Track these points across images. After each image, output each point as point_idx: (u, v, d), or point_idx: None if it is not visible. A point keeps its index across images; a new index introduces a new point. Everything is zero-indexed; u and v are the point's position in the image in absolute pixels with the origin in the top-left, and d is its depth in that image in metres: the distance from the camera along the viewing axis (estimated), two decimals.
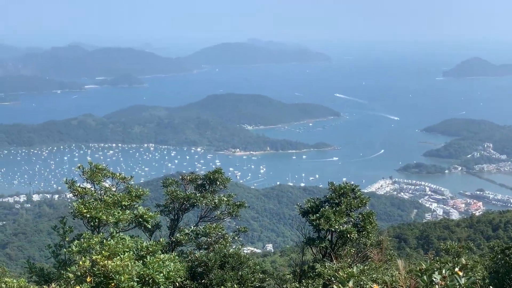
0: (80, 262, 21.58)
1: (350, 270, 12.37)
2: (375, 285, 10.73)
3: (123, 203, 32.77)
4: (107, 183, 34.83)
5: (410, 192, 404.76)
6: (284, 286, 39.55)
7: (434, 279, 9.99)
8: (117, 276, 20.98)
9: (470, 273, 10.50)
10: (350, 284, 11.32)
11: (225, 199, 43.16)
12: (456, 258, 38.28)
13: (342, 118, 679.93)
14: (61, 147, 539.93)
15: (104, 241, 23.71)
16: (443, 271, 10.17)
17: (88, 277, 21.00)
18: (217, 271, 37.20)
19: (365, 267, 29.86)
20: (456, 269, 10.26)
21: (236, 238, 44.51)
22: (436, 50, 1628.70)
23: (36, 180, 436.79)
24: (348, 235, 37.54)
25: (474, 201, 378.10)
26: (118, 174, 35.80)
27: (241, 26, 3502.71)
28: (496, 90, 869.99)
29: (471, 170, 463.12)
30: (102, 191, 33.81)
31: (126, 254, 22.34)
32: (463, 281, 9.92)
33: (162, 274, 22.74)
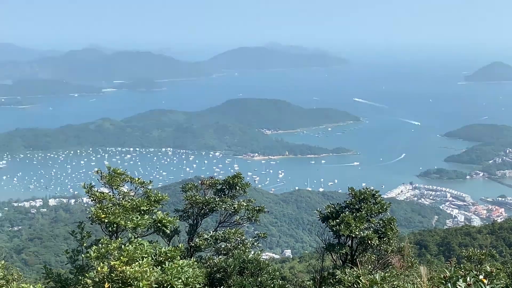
0: (98, 268, 21.58)
1: (372, 277, 12.29)
2: None
3: (142, 208, 32.77)
4: (125, 188, 34.91)
5: (430, 198, 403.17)
6: None
7: (459, 287, 9.92)
8: (135, 282, 20.98)
9: (495, 280, 10.42)
10: None
11: (245, 204, 43.12)
12: (479, 266, 38.16)
13: (362, 123, 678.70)
14: (78, 151, 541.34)
15: (123, 246, 23.66)
16: (468, 279, 10.11)
17: (106, 283, 21.00)
18: (236, 277, 37.16)
19: (386, 274, 29.82)
20: (481, 277, 10.20)
21: (255, 243, 44.52)
22: (458, 54, 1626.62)
23: (52, 185, 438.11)
24: (369, 241, 37.36)
25: (496, 207, 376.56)
26: (137, 179, 35.87)
27: (261, 30, 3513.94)
28: None
29: (493, 176, 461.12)
30: (120, 196, 33.87)
31: (145, 259, 22.33)
32: None
33: (180, 280, 22.68)
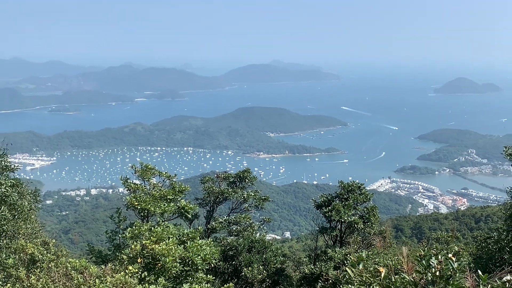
0: (132, 246, 21.70)
1: (359, 254, 12.30)
2: (381, 268, 10.62)
3: (168, 197, 33.03)
4: (154, 180, 35.06)
5: (405, 189, 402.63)
6: (301, 267, 39.52)
7: (432, 263, 9.92)
8: (163, 258, 21.10)
9: (461, 258, 10.44)
10: (360, 266, 11.28)
11: (252, 194, 43.40)
12: (446, 246, 38.09)
13: (349, 127, 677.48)
14: (115, 150, 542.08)
15: (152, 228, 23.86)
16: (439, 257, 10.10)
17: (139, 259, 21.09)
18: (245, 254, 37.29)
19: (370, 252, 29.88)
20: (450, 255, 10.19)
21: (261, 226, 44.72)
22: (428, 70, 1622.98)
23: (94, 177, 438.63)
24: (355, 225, 37.67)
25: (460, 197, 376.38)
26: (164, 173, 36.05)
27: (266, 50, 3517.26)
28: (479, 105, 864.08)
29: (457, 172, 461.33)
30: (150, 187, 34.04)
31: (170, 239, 22.46)
32: (455, 265, 9.84)
33: (200, 257, 22.86)
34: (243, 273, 36.52)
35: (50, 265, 20.27)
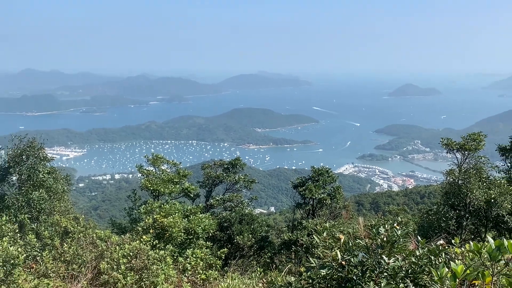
0: (146, 220, 21.75)
1: (324, 225, 12.36)
2: (341, 235, 10.67)
3: (175, 180, 33.17)
4: (164, 167, 35.16)
5: (365, 173, 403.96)
6: (282, 235, 39.72)
7: (380, 231, 9.99)
8: (170, 229, 21.15)
9: (404, 227, 10.51)
10: (324, 234, 11.34)
11: (242, 177, 43.69)
12: (396, 217, 38.33)
13: (320, 124, 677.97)
14: (134, 143, 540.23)
15: (162, 205, 23.95)
16: (386, 226, 10.18)
17: (151, 230, 21.13)
18: (237, 225, 37.38)
19: (335, 222, 30.04)
20: (395, 224, 10.26)
21: (249, 203, 44.93)
22: (382, 78, 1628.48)
23: (117, 165, 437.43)
24: (324, 201, 37.84)
25: (408, 178, 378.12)
26: (171, 161, 36.23)
27: (253, 63, 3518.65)
28: (423, 106, 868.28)
29: (406, 158, 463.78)
30: (160, 172, 34.10)
31: (176, 214, 22.54)
32: (399, 232, 9.92)
33: (200, 228, 23.00)
34: (235, 240, 36.74)
35: (79, 236, 20.31)
